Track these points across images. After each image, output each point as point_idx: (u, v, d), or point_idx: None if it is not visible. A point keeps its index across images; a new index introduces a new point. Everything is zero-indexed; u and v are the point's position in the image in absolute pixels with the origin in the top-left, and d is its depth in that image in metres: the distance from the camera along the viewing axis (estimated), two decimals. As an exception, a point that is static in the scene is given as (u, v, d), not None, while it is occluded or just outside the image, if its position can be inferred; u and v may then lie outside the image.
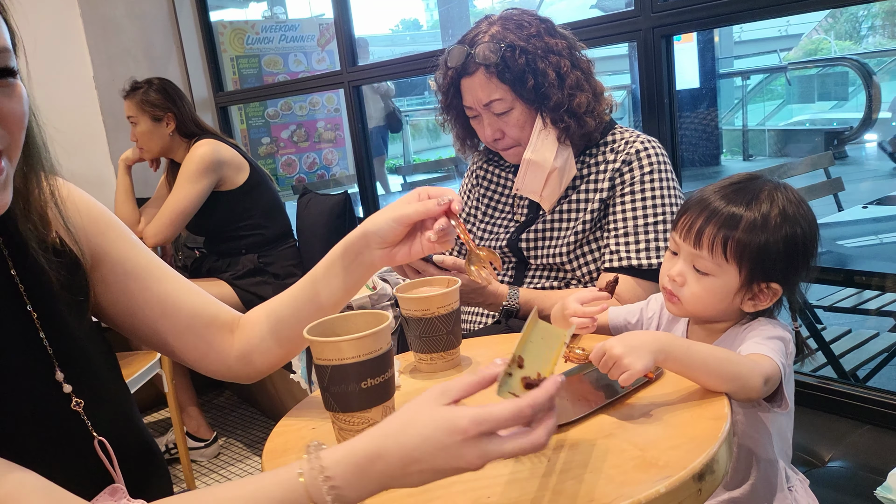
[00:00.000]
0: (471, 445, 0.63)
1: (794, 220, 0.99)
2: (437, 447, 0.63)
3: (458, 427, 0.63)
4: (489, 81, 1.46)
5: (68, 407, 0.79)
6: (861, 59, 7.25)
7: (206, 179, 2.51)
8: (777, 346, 0.96)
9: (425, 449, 0.63)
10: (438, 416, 0.64)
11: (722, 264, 1.00)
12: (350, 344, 0.82)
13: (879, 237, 2.68)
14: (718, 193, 1.02)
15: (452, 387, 0.67)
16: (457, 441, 0.63)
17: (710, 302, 1.03)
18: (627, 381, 0.85)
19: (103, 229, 0.91)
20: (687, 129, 7.25)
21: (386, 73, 2.86)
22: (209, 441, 2.60)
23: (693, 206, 1.03)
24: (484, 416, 0.63)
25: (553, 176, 1.49)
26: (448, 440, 0.63)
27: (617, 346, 0.87)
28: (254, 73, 3.87)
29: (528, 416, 0.64)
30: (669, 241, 1.08)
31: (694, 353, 0.89)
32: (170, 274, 0.97)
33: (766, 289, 1.01)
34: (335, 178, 4.20)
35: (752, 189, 1.01)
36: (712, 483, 0.77)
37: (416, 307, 1.09)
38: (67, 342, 0.81)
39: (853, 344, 2.26)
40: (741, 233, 0.98)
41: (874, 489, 1.18)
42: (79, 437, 0.79)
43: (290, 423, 0.98)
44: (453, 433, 0.63)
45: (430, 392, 0.67)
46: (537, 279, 1.57)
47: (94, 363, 0.85)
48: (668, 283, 1.06)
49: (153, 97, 2.55)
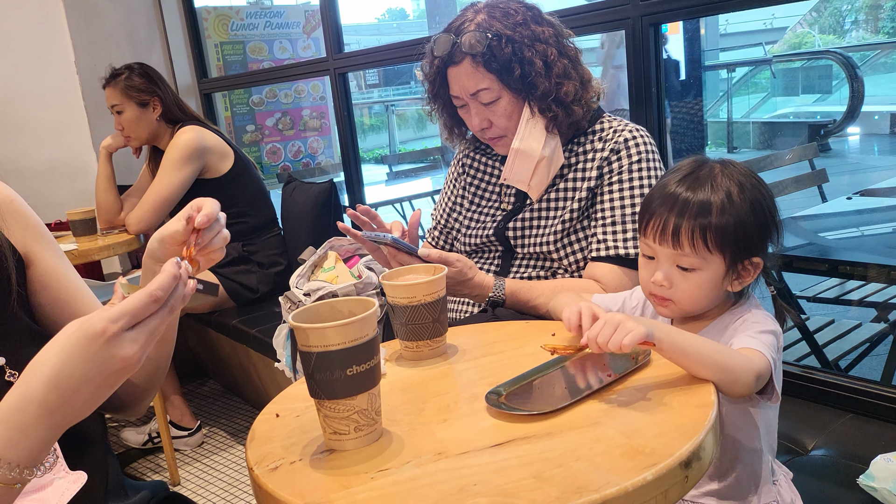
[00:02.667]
0: (117, 342, 0.62)
1: (751, 189, 1.01)
2: (82, 360, 0.61)
3: (96, 331, 0.61)
4: (476, 71, 1.45)
5: (2, 378, 0.82)
6: (845, 53, 7.29)
7: (189, 167, 2.48)
8: (769, 341, 0.96)
9: (72, 368, 0.61)
10: (72, 332, 0.62)
11: (706, 256, 1.00)
12: (335, 330, 0.81)
13: (860, 229, 2.70)
14: (679, 187, 1.02)
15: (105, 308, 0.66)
16: (100, 344, 0.61)
17: (702, 294, 1.03)
18: (630, 342, 0.84)
19: (36, 236, 0.96)
20: (672, 121, 7.27)
21: (372, 61, 2.84)
22: (193, 430, 2.58)
23: (658, 206, 1.02)
24: (119, 313, 0.62)
25: (541, 165, 1.48)
26: (92, 347, 0.61)
27: (616, 314, 0.87)
28: (238, 60, 3.82)
29: (161, 298, 0.65)
30: (641, 247, 1.07)
31: (688, 337, 0.89)
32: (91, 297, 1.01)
33: (749, 265, 1.02)
34: (320, 166, 4.17)
35: (706, 174, 1.02)
36: (699, 470, 0.77)
37: (402, 295, 1.08)
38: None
39: (836, 334, 2.28)
40: (715, 218, 0.98)
41: (857, 477, 1.19)
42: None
43: (273, 411, 0.97)
44: (94, 339, 0.61)
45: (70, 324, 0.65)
46: (524, 268, 1.56)
47: (25, 341, 0.87)
48: (654, 290, 1.05)
49: (137, 82, 2.52)
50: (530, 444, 0.80)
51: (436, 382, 1.01)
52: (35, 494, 0.80)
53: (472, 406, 0.91)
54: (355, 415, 0.82)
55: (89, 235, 2.53)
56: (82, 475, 0.86)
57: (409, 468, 0.77)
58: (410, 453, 0.80)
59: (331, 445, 0.84)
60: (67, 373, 0.61)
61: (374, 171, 8.53)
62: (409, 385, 1.02)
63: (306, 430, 0.89)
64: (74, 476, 0.85)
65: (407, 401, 0.96)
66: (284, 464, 0.82)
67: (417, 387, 1.01)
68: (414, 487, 0.73)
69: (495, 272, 1.58)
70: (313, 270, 2.01)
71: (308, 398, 0.87)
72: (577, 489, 0.70)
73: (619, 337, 0.85)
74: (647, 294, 1.09)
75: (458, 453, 0.79)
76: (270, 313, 2.53)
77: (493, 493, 0.71)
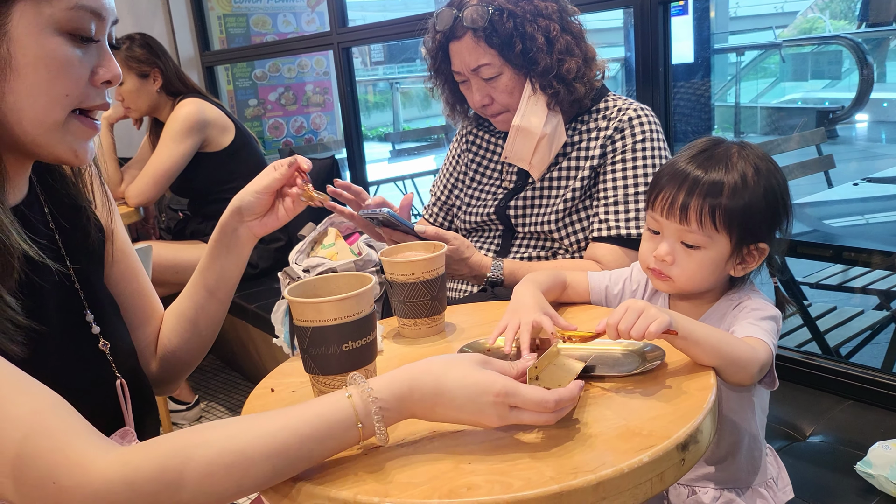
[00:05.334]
0: (496, 408, 0.72)
1: (766, 174, 0.99)
2: (468, 396, 0.72)
3: (492, 390, 0.72)
4: (477, 46, 1.43)
5: (96, 346, 0.87)
6: (855, 39, 7.21)
7: (190, 139, 2.46)
8: (771, 328, 0.95)
9: (458, 393, 0.72)
10: (479, 374, 0.73)
11: (712, 235, 0.98)
12: (331, 305, 0.80)
13: (865, 217, 2.68)
14: (692, 164, 1.00)
15: (493, 363, 0.77)
16: (487, 400, 0.72)
17: (702, 275, 1.01)
18: (657, 329, 0.82)
19: (114, 210, 0.99)
20: (679, 104, 7.21)
21: (376, 35, 2.81)
22: (191, 404, 2.58)
23: (667, 180, 1.00)
24: (515, 391, 0.72)
25: (542, 143, 1.47)
26: (480, 397, 0.72)
27: (638, 301, 0.86)
28: (241, 33, 3.78)
29: (549, 408, 0.73)
30: (647, 221, 1.05)
31: (699, 327, 0.88)
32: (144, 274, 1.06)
33: (754, 250, 1.00)
34: (323, 142, 4.14)
35: (721, 153, 1.00)
36: (696, 453, 0.76)
37: (400, 272, 1.07)
38: (94, 291, 0.90)
39: (838, 321, 2.27)
40: (726, 199, 0.97)
41: (854, 464, 1.19)
42: (103, 376, 0.87)
43: (268, 386, 0.96)
44: (486, 393, 0.72)
45: (474, 355, 0.77)
46: (524, 248, 1.55)
47: (115, 315, 0.94)
48: (655, 264, 1.03)
49: (138, 52, 2.49)
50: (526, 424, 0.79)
51: (433, 360, 1.00)
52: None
53: (469, 384, 0.90)
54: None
55: (89, 207, 2.52)
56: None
57: (403, 445, 0.76)
58: (404, 430, 0.79)
59: (325, 421, 0.83)
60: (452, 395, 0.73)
61: (377, 149, 8.47)
62: (406, 362, 1.00)
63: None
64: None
65: (403, 378, 0.95)
66: (277, 438, 0.81)
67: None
68: (407, 464, 0.73)
69: (495, 252, 1.57)
70: (313, 247, 2.00)
71: (303, 374, 0.87)
72: (572, 469, 0.69)
73: (644, 324, 0.83)
74: (645, 269, 1.07)
75: (452, 431, 0.78)
76: (269, 289, 2.52)
77: (488, 471, 0.70)
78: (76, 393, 0.71)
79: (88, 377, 0.86)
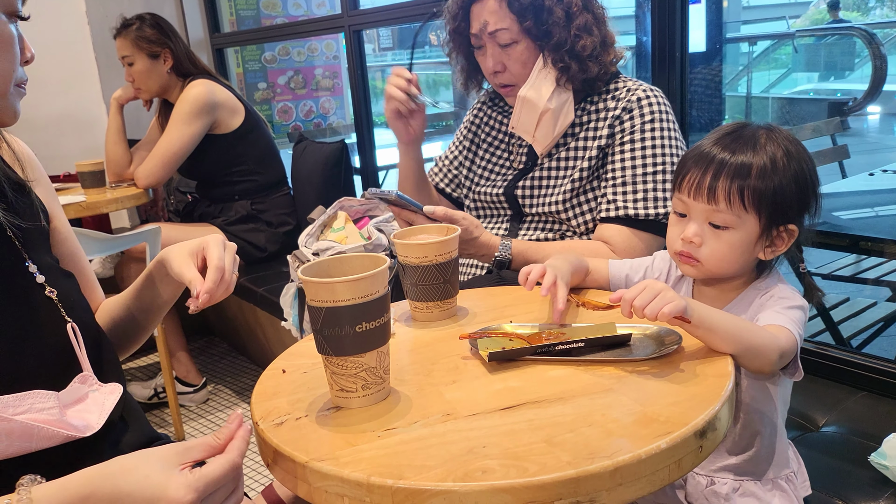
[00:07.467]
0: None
1: (797, 157, 0.98)
2: (147, 499, 0.67)
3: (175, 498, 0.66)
4: (499, 8, 1.44)
5: (42, 294, 0.86)
6: (870, 30, 7.12)
7: (200, 121, 2.44)
8: (798, 317, 0.94)
9: (137, 497, 0.67)
10: (163, 477, 0.68)
11: (741, 214, 0.97)
12: (345, 286, 0.78)
13: (875, 210, 2.65)
14: (718, 145, 0.99)
15: (193, 448, 0.71)
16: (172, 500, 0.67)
17: (732, 257, 0.99)
18: (671, 312, 0.81)
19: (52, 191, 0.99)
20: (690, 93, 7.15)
21: (388, 18, 2.78)
22: (198, 386, 2.59)
23: (694, 162, 0.99)
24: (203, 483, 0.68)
25: (546, 117, 1.46)
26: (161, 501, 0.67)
27: (656, 281, 0.85)
28: (251, 15, 3.76)
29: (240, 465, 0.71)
30: (674, 203, 1.04)
31: (715, 314, 0.86)
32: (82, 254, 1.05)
33: (783, 232, 0.99)
34: (332, 126, 4.13)
35: (749, 135, 0.99)
36: (713, 440, 0.75)
37: (413, 254, 1.06)
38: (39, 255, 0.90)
39: (851, 312, 2.26)
40: (755, 180, 0.96)
41: (868, 455, 1.18)
42: (52, 321, 0.86)
43: (280, 367, 0.96)
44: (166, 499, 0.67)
45: (170, 448, 0.71)
46: (532, 230, 1.54)
47: (63, 275, 0.93)
48: (682, 247, 1.02)
49: (148, 32, 2.47)
50: (541, 409, 0.78)
51: (445, 344, 0.99)
52: (76, 406, 0.82)
53: (482, 369, 0.89)
54: (363, 372, 0.80)
55: (98, 188, 2.51)
56: (118, 386, 0.88)
57: (416, 428, 0.76)
58: (418, 413, 0.78)
59: (338, 402, 0.82)
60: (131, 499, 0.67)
61: (387, 135, 8.43)
62: (418, 346, 1.00)
63: (312, 387, 0.88)
64: (110, 388, 0.87)
65: (415, 361, 0.94)
66: (290, 419, 0.80)
67: (426, 348, 0.99)
68: (421, 447, 0.72)
69: (504, 234, 1.56)
70: (322, 230, 1.99)
71: (315, 355, 0.86)
72: (588, 455, 0.68)
73: (659, 305, 0.82)
74: (672, 254, 1.06)
75: (466, 415, 0.77)
76: (278, 272, 2.51)
77: (503, 455, 0.69)
78: (23, 333, 0.72)
79: (36, 325, 0.84)
